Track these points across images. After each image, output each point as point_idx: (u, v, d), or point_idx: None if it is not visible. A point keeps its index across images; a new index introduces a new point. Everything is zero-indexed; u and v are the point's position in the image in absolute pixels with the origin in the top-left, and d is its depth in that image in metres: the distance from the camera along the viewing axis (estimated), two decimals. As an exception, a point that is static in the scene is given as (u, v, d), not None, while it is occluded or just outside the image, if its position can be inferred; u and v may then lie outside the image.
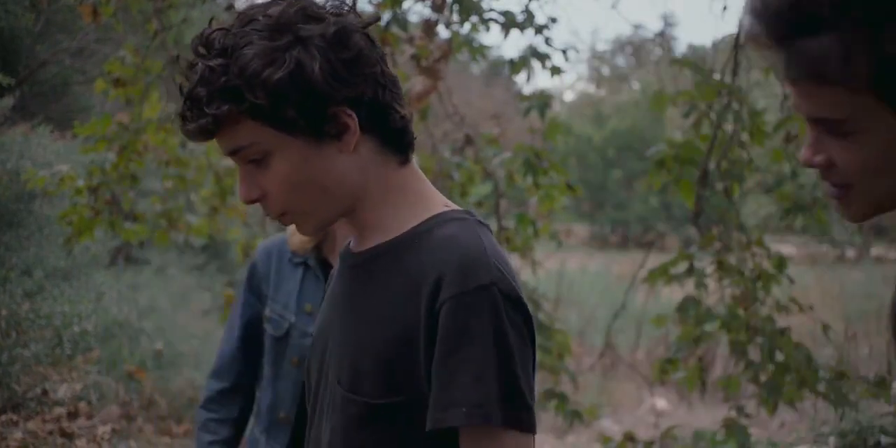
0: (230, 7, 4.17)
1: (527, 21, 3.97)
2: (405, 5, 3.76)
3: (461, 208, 1.26)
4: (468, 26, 4.03)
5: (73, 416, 4.40)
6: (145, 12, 4.35)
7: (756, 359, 3.80)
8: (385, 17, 3.66)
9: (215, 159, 4.63)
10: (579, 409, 4.26)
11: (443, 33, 3.95)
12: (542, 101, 4.04)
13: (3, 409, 4.22)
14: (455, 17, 3.90)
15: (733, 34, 4.02)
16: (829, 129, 0.94)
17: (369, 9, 4.05)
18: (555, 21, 4.03)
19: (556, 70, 4.05)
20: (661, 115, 10.01)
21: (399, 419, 1.16)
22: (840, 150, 0.94)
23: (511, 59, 4.08)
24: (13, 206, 5.50)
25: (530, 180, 4.08)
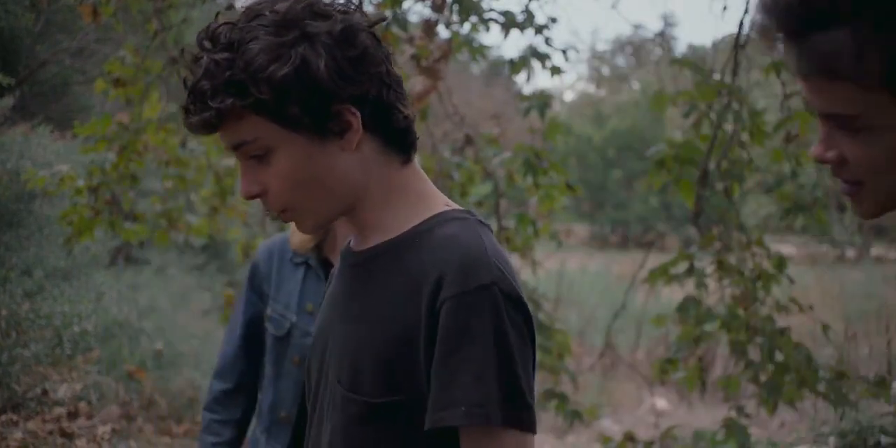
0: (230, 7, 4.17)
1: (527, 21, 3.97)
2: (405, 5, 3.77)
3: (462, 208, 1.26)
4: (468, 26, 4.04)
5: (73, 416, 4.40)
6: (145, 12, 4.35)
7: (756, 359, 3.80)
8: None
9: (215, 159, 4.63)
10: (579, 409, 4.27)
11: (443, 33, 3.95)
12: (542, 101, 4.04)
13: (3, 409, 4.22)
14: (455, 17, 3.90)
15: (733, 34, 4.02)
16: (841, 124, 0.93)
17: (369, 9, 4.05)
18: (555, 21, 4.03)
19: (556, 70, 4.06)
20: (661, 115, 10.01)
21: (399, 418, 1.16)
22: (852, 147, 0.94)
23: (511, 59, 4.09)
24: (13, 206, 5.50)
25: (530, 180, 4.08)
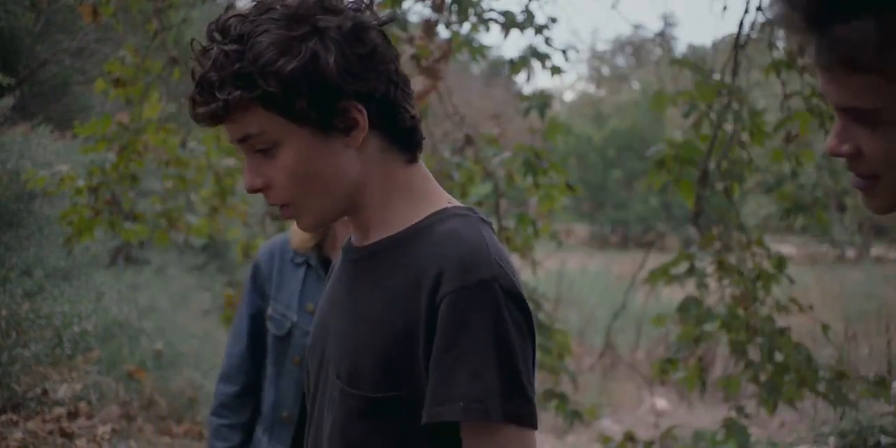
0: (230, 7, 4.17)
1: (527, 21, 3.97)
2: (405, 5, 3.77)
3: (465, 206, 1.26)
4: (468, 26, 4.04)
5: (73, 416, 4.40)
6: (145, 12, 4.35)
7: (756, 359, 3.80)
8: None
9: (215, 159, 4.63)
10: (579, 409, 4.26)
11: (443, 33, 3.95)
12: (542, 101, 4.04)
13: (3, 409, 4.22)
14: (454, 17, 3.90)
15: (733, 34, 4.02)
16: (859, 118, 0.92)
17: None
18: (555, 21, 4.03)
19: (556, 70, 4.06)
20: (661, 115, 10.01)
21: (398, 413, 1.16)
22: (868, 140, 0.92)
23: (511, 59, 4.09)
24: (13, 206, 5.50)
25: (530, 180, 4.08)
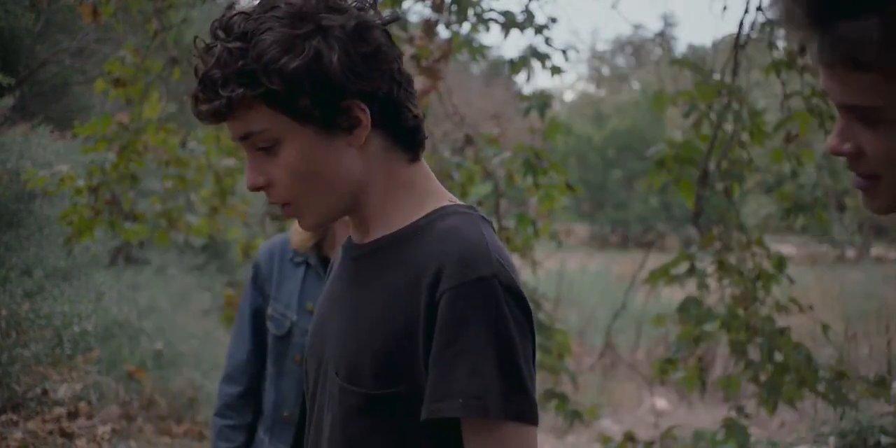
0: (230, 7, 4.17)
1: (527, 21, 3.97)
2: (405, 5, 3.77)
3: (465, 204, 1.26)
4: (468, 26, 4.04)
5: (73, 416, 4.40)
6: (145, 12, 4.36)
7: (756, 359, 3.79)
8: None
9: (215, 159, 4.63)
10: (579, 409, 4.26)
11: (443, 33, 3.95)
12: (542, 101, 4.04)
13: (3, 409, 4.22)
14: (454, 17, 3.90)
15: (733, 34, 4.02)
16: (861, 116, 0.91)
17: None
18: (555, 21, 4.03)
19: (556, 70, 4.06)
20: (661, 115, 10.01)
21: (398, 410, 1.16)
22: (871, 139, 0.91)
23: (511, 59, 4.09)
24: (13, 206, 5.50)
25: (530, 180, 4.08)
